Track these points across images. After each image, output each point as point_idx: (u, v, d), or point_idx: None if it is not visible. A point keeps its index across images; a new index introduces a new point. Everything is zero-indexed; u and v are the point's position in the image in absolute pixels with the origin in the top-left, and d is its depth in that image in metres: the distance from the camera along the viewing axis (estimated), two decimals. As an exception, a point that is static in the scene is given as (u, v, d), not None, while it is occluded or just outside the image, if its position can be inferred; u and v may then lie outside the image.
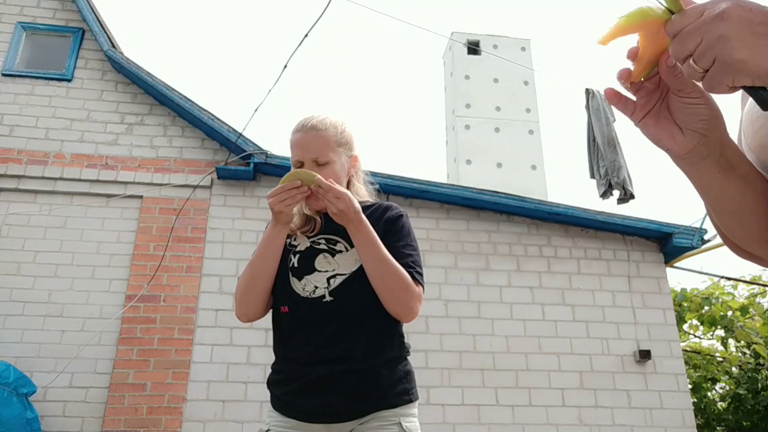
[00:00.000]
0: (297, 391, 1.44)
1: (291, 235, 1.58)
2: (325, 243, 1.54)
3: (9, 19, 5.76)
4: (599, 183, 5.94)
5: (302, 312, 1.47)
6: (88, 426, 4.46)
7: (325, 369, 1.42)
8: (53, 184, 5.14)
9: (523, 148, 24.42)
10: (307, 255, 1.53)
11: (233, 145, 5.25)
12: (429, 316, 5.07)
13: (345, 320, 1.45)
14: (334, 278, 1.49)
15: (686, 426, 5.04)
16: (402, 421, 1.49)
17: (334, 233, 1.55)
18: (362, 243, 1.43)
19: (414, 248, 1.58)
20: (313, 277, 1.50)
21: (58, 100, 5.48)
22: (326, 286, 1.48)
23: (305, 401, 1.43)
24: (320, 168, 1.51)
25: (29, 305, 4.72)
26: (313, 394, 1.42)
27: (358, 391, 1.42)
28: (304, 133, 1.55)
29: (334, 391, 1.41)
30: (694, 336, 11.32)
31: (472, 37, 24.84)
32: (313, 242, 1.55)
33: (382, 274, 1.42)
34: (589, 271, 5.47)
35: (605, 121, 6.19)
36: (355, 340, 1.45)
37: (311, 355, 1.44)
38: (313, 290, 1.48)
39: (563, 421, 4.91)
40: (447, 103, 26.97)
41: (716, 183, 0.70)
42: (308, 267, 1.51)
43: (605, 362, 5.16)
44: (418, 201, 5.46)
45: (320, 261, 1.52)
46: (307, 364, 1.44)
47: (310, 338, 1.46)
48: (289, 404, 1.46)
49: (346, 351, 1.43)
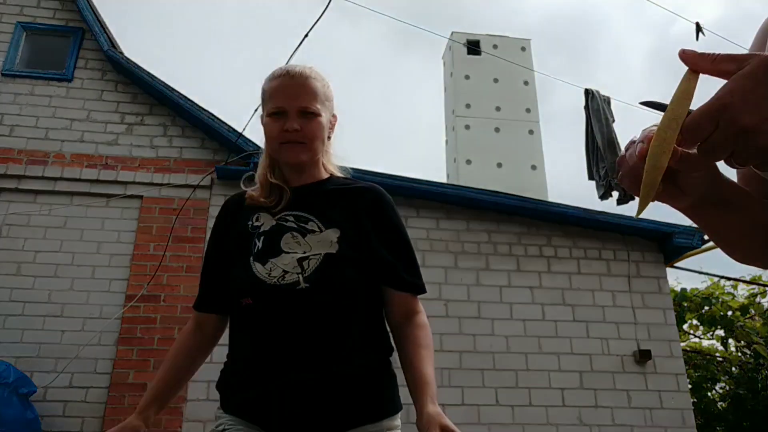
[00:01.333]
0: (263, 398, 1.22)
1: (253, 215, 1.35)
2: (294, 221, 1.31)
3: (9, 19, 5.76)
4: (599, 184, 5.95)
5: (270, 303, 1.23)
6: (88, 426, 4.46)
7: (300, 374, 1.20)
8: (53, 184, 5.14)
9: (523, 148, 24.41)
10: (272, 234, 1.30)
11: (233, 145, 5.25)
12: (429, 316, 5.05)
13: (324, 313, 1.23)
14: (307, 260, 1.24)
15: (686, 426, 5.04)
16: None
17: (305, 209, 1.33)
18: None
19: (412, 247, 1.40)
20: (280, 260, 1.25)
21: (58, 100, 5.48)
22: (299, 271, 1.23)
23: (274, 411, 1.20)
24: (306, 120, 1.30)
25: (29, 305, 4.72)
26: (284, 403, 1.19)
27: (338, 402, 1.21)
28: (290, 79, 1.32)
29: (310, 401, 1.19)
30: (694, 336, 11.32)
31: (472, 37, 24.84)
32: (280, 219, 1.32)
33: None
34: (589, 271, 5.47)
35: (605, 121, 6.20)
36: (337, 338, 1.23)
37: (283, 356, 1.21)
38: (282, 275, 1.23)
39: (563, 421, 4.91)
40: (447, 103, 26.96)
41: (715, 220, 0.71)
42: (273, 248, 1.27)
43: (605, 362, 5.16)
44: (418, 201, 5.46)
45: (288, 240, 1.28)
46: (277, 367, 1.21)
47: (280, 336, 1.22)
48: (251, 412, 1.24)
49: (325, 352, 1.21)
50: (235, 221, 1.38)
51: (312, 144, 1.32)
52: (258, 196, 1.36)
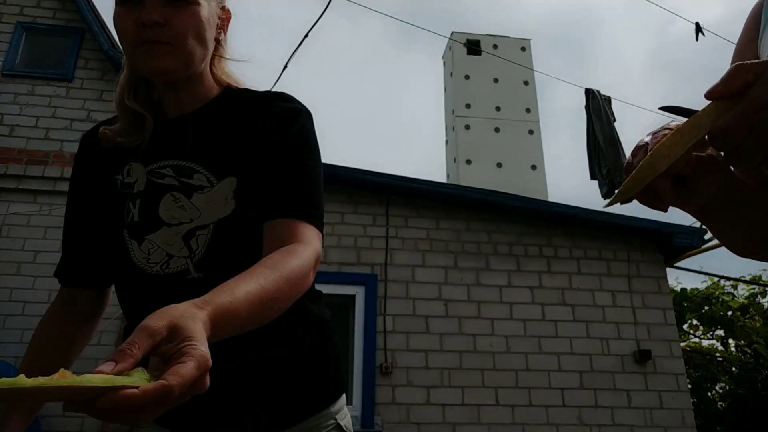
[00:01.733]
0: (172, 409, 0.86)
1: (123, 165, 0.97)
2: (174, 174, 0.93)
3: (9, 19, 5.76)
4: (601, 183, 5.95)
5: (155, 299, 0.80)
6: (88, 426, 4.46)
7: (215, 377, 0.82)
8: (53, 184, 5.14)
9: (523, 148, 24.42)
10: (148, 197, 0.93)
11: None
12: (429, 316, 5.07)
13: None
14: (194, 238, 0.90)
15: (686, 426, 5.04)
16: (338, 419, 1.03)
17: (187, 155, 0.93)
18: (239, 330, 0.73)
19: (316, 171, 0.94)
20: (160, 237, 0.91)
21: (58, 100, 5.48)
22: (186, 254, 0.90)
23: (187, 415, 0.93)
24: (173, 10, 0.89)
25: (29, 305, 4.72)
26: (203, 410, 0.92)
27: (263, 401, 0.95)
28: None
29: (229, 402, 0.93)
30: (694, 336, 11.33)
31: (472, 37, 24.85)
32: (153, 173, 0.94)
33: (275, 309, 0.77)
34: (589, 271, 5.47)
35: (606, 120, 6.20)
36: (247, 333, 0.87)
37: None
38: (165, 261, 0.91)
39: (563, 421, 4.91)
40: (447, 103, 26.97)
41: (724, 219, 0.68)
42: (151, 219, 0.92)
43: (605, 362, 5.16)
44: (418, 201, 5.46)
45: (168, 206, 0.91)
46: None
47: None
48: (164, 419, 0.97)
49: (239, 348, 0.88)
50: (99, 169, 1.00)
51: (183, 45, 0.90)
52: (114, 134, 0.95)
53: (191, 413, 0.92)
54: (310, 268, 0.83)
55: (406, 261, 5.22)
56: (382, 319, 4.98)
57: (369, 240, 5.25)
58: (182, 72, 0.92)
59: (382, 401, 4.69)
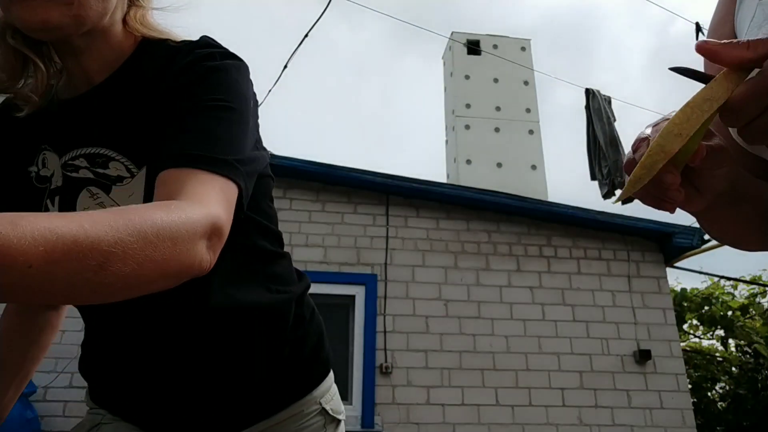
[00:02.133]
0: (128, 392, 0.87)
1: (37, 152, 0.80)
2: (87, 164, 0.77)
3: (9, 19, 5.77)
4: (602, 183, 5.95)
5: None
6: (88, 426, 4.46)
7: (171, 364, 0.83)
8: (53, 184, 5.15)
9: (523, 148, 24.44)
10: (65, 195, 0.79)
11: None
12: (429, 316, 5.08)
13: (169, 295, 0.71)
14: None
15: (686, 426, 5.05)
16: (323, 403, 0.94)
17: (99, 139, 0.77)
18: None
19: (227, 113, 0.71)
20: None
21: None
22: None
23: (148, 408, 0.87)
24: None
25: (29, 305, 4.72)
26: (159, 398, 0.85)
27: (239, 389, 0.86)
28: None
29: (197, 393, 0.85)
30: (694, 336, 11.33)
31: (472, 37, 24.87)
32: (66, 166, 0.79)
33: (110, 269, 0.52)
34: (589, 271, 5.47)
35: (606, 120, 6.20)
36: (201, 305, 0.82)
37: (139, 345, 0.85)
38: None
39: (563, 421, 4.91)
40: (447, 103, 26.99)
41: (727, 216, 0.64)
42: None
43: (605, 362, 5.16)
44: (418, 201, 5.46)
45: (86, 203, 0.77)
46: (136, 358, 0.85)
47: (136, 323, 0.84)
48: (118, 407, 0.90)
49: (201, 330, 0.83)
50: (9, 158, 0.82)
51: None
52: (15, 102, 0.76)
53: (158, 407, 0.86)
54: (194, 233, 0.57)
55: (406, 261, 5.22)
56: (382, 319, 4.98)
57: (369, 240, 5.25)
58: (72, 27, 0.70)
59: (382, 401, 4.69)
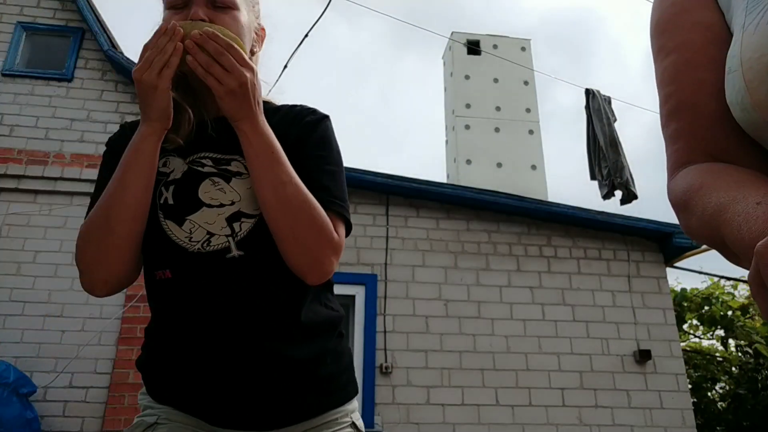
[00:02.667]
0: (203, 387, 0.96)
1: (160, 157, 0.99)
2: (213, 164, 0.99)
3: (9, 19, 5.76)
4: (601, 184, 5.94)
5: (194, 276, 0.95)
6: (88, 426, 4.46)
7: (243, 358, 0.94)
8: (53, 184, 5.14)
9: (523, 148, 24.43)
10: (185, 184, 0.98)
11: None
12: (429, 316, 5.07)
13: (265, 286, 0.96)
14: (238, 221, 0.96)
15: (686, 426, 5.04)
16: (353, 419, 1.07)
17: (225, 148, 1.00)
18: (259, 154, 0.91)
19: (338, 171, 1.04)
20: (201, 217, 0.95)
21: (58, 100, 5.48)
22: (228, 233, 0.95)
23: (219, 401, 0.96)
24: (218, 13, 0.97)
25: (29, 305, 4.72)
26: (229, 392, 0.95)
27: (295, 388, 0.98)
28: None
29: (261, 388, 0.95)
30: (694, 336, 11.34)
31: (472, 37, 24.86)
32: (193, 163, 0.99)
33: (284, 205, 0.91)
34: (589, 271, 5.47)
35: (606, 121, 6.20)
36: (284, 317, 0.98)
37: (218, 338, 0.95)
38: (206, 239, 0.95)
39: (563, 421, 4.91)
40: (447, 103, 26.98)
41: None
42: (190, 201, 0.97)
43: (605, 362, 5.16)
44: (418, 201, 5.46)
45: (207, 188, 0.97)
46: (213, 351, 0.95)
47: (212, 314, 0.95)
48: (190, 402, 0.99)
49: (271, 332, 0.96)
50: None
51: None
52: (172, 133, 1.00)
53: (224, 401, 0.96)
54: (329, 239, 0.94)
55: (406, 261, 5.22)
56: (382, 319, 4.98)
57: (369, 240, 5.25)
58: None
59: (382, 401, 4.69)
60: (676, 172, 0.68)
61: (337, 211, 0.98)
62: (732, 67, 0.60)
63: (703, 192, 0.59)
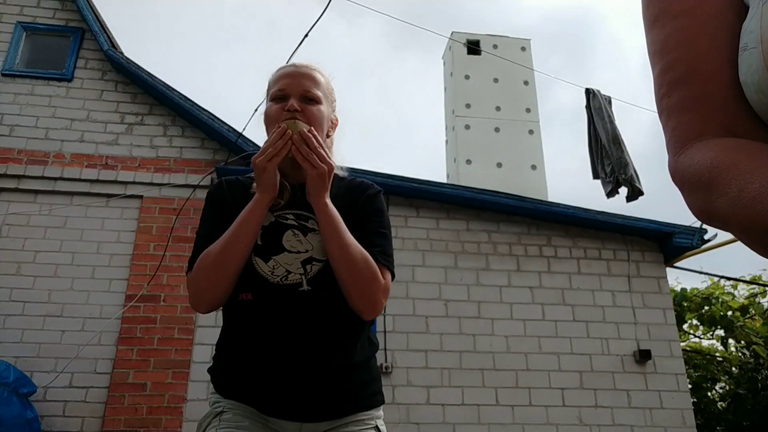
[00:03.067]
0: (268, 386, 1.26)
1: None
2: (294, 218, 1.32)
3: (9, 19, 5.76)
4: (605, 182, 5.90)
5: (272, 301, 1.26)
6: (88, 426, 4.46)
7: (305, 365, 1.25)
8: (53, 184, 5.14)
9: (523, 148, 24.42)
10: (272, 231, 1.30)
11: (233, 145, 5.25)
12: (429, 316, 5.07)
13: (323, 313, 1.27)
14: (310, 264, 1.28)
15: (686, 426, 5.04)
16: (377, 424, 1.36)
17: (305, 207, 1.33)
18: (329, 223, 1.25)
19: (388, 233, 1.39)
20: (283, 259, 1.28)
21: (58, 100, 5.48)
22: (302, 272, 1.27)
23: (278, 397, 1.26)
24: (308, 105, 1.33)
25: (29, 305, 4.72)
26: (289, 390, 1.25)
27: (337, 391, 1.28)
28: (295, 68, 1.38)
29: (313, 389, 1.25)
30: (694, 336, 11.33)
31: (472, 36, 24.85)
32: (279, 216, 1.32)
33: (347, 260, 1.23)
34: (589, 271, 5.47)
35: (608, 119, 6.19)
36: (336, 337, 1.29)
37: (286, 352, 1.25)
38: (285, 275, 1.27)
39: (563, 421, 4.91)
40: (447, 103, 26.97)
41: None
42: (275, 245, 1.29)
43: (605, 362, 5.16)
44: (418, 201, 5.46)
45: (289, 238, 1.30)
46: (281, 361, 1.25)
47: (283, 333, 1.26)
48: (254, 397, 1.27)
49: (326, 349, 1.27)
50: (236, 204, 1.33)
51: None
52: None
53: (282, 395, 1.25)
54: (380, 285, 1.27)
55: (406, 261, 5.22)
56: (382, 319, 4.98)
57: (369, 240, 5.25)
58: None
59: (382, 401, 4.69)
60: (685, 146, 0.60)
61: (385, 263, 1.30)
62: (749, 44, 0.55)
63: (739, 171, 0.52)
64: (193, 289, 1.27)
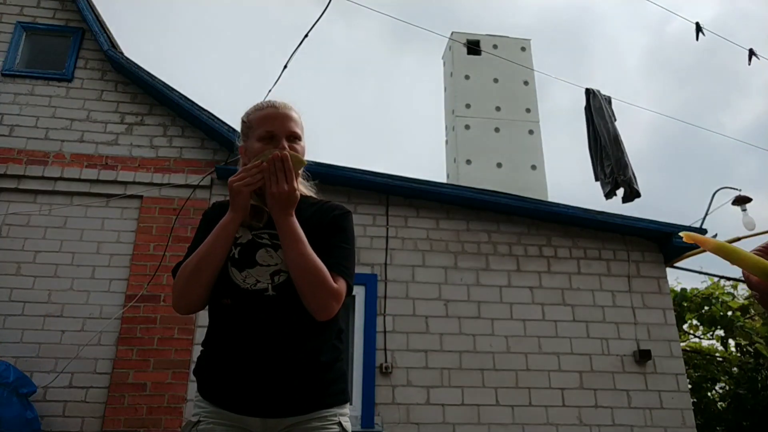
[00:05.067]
0: (235, 382, 1.40)
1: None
2: (269, 238, 1.51)
3: (9, 19, 5.76)
4: (604, 182, 5.91)
5: (243, 304, 1.44)
6: (88, 426, 4.46)
7: (268, 363, 1.39)
8: (53, 184, 5.14)
9: (523, 148, 24.41)
10: (248, 247, 1.50)
11: (233, 146, 5.25)
12: (429, 316, 5.07)
13: (286, 315, 1.43)
14: (278, 275, 1.46)
15: (686, 426, 5.04)
16: (341, 420, 1.47)
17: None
18: (288, 235, 1.41)
19: (348, 248, 1.54)
20: (255, 271, 1.47)
21: (58, 100, 5.48)
22: (269, 282, 1.45)
23: (244, 393, 1.40)
24: (293, 144, 1.53)
25: (29, 305, 4.72)
26: (253, 386, 1.39)
27: (299, 387, 1.40)
28: (275, 109, 1.57)
29: (276, 385, 1.39)
30: (694, 336, 11.33)
31: (472, 37, 24.85)
32: (256, 236, 1.52)
33: (301, 267, 1.39)
34: (589, 271, 5.47)
35: (609, 119, 6.19)
36: (297, 335, 1.43)
37: (254, 348, 1.41)
38: (255, 283, 1.45)
39: (563, 421, 4.91)
40: (447, 103, 26.96)
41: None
42: (249, 260, 1.48)
43: (605, 362, 5.16)
44: (418, 201, 5.46)
45: (262, 255, 1.49)
46: (250, 359, 1.40)
47: (253, 331, 1.42)
48: (223, 395, 1.42)
49: (289, 346, 1.41)
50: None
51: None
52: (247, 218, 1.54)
53: (251, 397, 1.38)
54: (330, 290, 1.40)
55: (406, 261, 5.22)
56: (382, 319, 4.98)
57: (369, 240, 5.25)
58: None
59: (382, 401, 4.69)
60: None
61: (339, 270, 1.44)
62: None
63: None
64: (174, 293, 1.47)
